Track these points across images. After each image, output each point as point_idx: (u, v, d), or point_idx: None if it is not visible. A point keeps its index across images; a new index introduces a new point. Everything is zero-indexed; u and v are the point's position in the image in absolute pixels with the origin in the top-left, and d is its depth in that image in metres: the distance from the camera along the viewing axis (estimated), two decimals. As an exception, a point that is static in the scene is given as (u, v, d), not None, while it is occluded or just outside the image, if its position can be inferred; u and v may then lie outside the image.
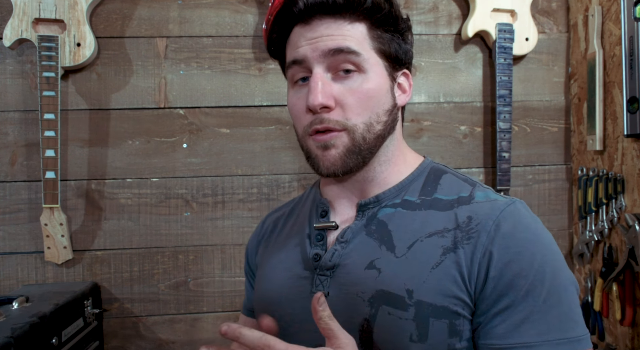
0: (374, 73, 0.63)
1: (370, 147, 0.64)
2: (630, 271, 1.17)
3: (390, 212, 0.65)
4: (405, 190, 0.67)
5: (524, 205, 0.63)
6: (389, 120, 0.66)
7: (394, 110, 0.67)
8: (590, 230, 1.30)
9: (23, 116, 1.29)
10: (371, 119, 0.63)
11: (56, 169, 1.22)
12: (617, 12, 1.20)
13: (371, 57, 0.63)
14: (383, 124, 0.64)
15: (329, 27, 0.62)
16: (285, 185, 1.37)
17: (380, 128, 0.64)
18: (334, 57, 0.61)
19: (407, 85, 0.70)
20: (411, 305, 0.57)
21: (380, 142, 0.66)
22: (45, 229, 1.24)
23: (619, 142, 1.22)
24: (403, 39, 0.67)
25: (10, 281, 1.30)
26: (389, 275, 0.60)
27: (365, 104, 0.62)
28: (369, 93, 0.62)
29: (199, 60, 1.34)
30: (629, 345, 1.19)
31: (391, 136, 0.68)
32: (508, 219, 0.59)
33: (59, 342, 1.04)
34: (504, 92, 1.35)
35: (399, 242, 0.62)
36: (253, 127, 1.36)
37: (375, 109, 0.63)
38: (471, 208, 0.62)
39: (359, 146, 0.63)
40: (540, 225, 0.61)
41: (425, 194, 0.66)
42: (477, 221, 0.59)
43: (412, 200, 0.65)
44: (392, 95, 0.66)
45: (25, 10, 1.22)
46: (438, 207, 0.63)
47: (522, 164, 1.43)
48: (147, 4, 1.33)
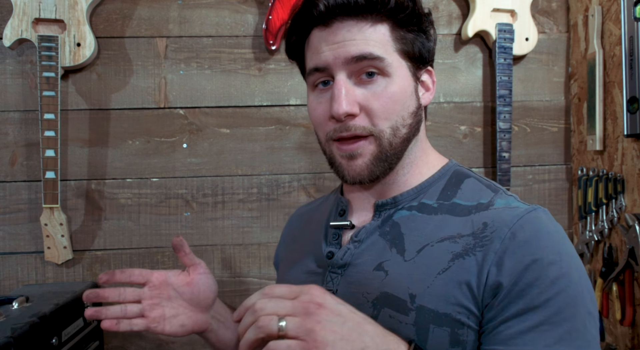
0: (398, 76, 0.61)
1: (396, 152, 0.63)
2: (630, 271, 1.17)
3: (406, 215, 0.64)
4: (424, 193, 0.65)
5: (547, 213, 0.59)
6: (414, 122, 0.64)
7: (418, 111, 0.65)
8: (590, 230, 1.30)
9: (23, 116, 1.29)
10: (397, 122, 0.62)
11: (56, 169, 1.22)
12: (617, 12, 1.20)
13: (394, 59, 0.61)
14: (408, 126, 0.63)
15: (350, 31, 0.60)
16: (285, 185, 1.37)
17: (406, 131, 0.63)
18: (357, 63, 0.60)
19: (431, 83, 0.68)
20: (412, 310, 0.56)
21: (406, 146, 0.64)
22: (45, 229, 1.24)
23: (619, 142, 1.22)
24: (426, 36, 0.65)
25: (10, 281, 1.30)
26: (394, 278, 0.59)
27: (391, 108, 0.61)
28: (393, 97, 0.61)
29: (199, 60, 1.34)
30: (629, 345, 1.19)
31: (416, 138, 0.66)
32: (526, 226, 0.56)
33: (59, 342, 1.04)
34: (504, 92, 1.35)
35: (410, 245, 0.61)
36: (253, 127, 1.36)
37: (401, 113, 0.62)
38: (488, 214, 0.59)
39: (385, 152, 0.62)
40: (563, 235, 0.58)
41: (444, 198, 0.64)
42: (493, 228, 0.57)
43: (429, 203, 0.64)
44: (416, 96, 0.65)
45: (25, 10, 1.22)
46: (455, 213, 0.61)
47: (522, 164, 1.43)
48: (147, 4, 1.33)
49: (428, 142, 0.70)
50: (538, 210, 0.59)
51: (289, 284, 0.68)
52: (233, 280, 1.35)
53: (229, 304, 0.84)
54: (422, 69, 0.66)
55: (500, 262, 0.54)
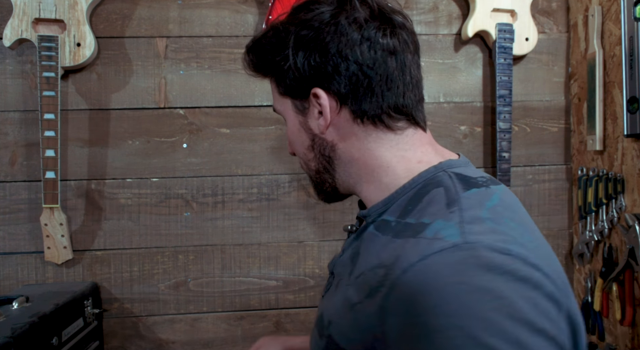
0: (287, 118, 0.66)
1: (320, 181, 0.67)
2: (630, 271, 1.17)
3: (370, 232, 0.59)
4: (387, 208, 0.58)
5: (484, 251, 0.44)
6: (317, 153, 0.64)
7: (315, 143, 0.63)
8: (590, 230, 1.30)
9: (23, 116, 1.29)
10: (302, 159, 0.67)
11: (56, 169, 1.22)
12: (617, 12, 1.20)
13: (282, 103, 0.66)
14: (314, 159, 0.65)
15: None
16: (285, 185, 1.37)
17: (315, 163, 0.65)
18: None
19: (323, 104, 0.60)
20: (324, 336, 0.56)
21: (327, 173, 0.65)
22: (45, 229, 1.24)
23: (619, 142, 1.22)
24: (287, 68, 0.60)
25: (10, 281, 1.30)
26: (330, 300, 0.59)
27: (293, 148, 0.68)
28: (289, 138, 0.68)
29: (199, 60, 1.34)
30: (629, 345, 1.19)
31: (338, 162, 0.63)
32: (421, 272, 0.44)
33: (59, 342, 1.04)
34: (504, 92, 1.35)
35: (357, 268, 0.56)
36: (253, 127, 1.36)
37: (300, 150, 0.66)
38: (408, 244, 0.49)
39: (313, 181, 0.69)
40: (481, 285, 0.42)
41: (402, 215, 0.55)
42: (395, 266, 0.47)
43: (389, 220, 0.57)
44: (305, 129, 0.63)
45: (25, 10, 1.22)
46: (400, 235, 0.52)
47: (522, 164, 1.43)
48: (147, 4, 1.33)
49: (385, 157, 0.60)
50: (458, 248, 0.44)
51: None
52: (233, 280, 1.35)
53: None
54: (307, 98, 0.61)
55: (384, 315, 0.46)
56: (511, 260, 0.44)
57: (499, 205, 0.52)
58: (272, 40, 0.62)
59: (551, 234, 1.43)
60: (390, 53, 0.58)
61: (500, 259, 0.44)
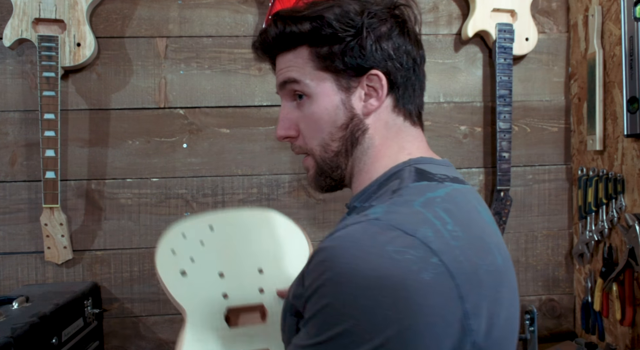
0: (319, 94, 0.64)
1: (333, 166, 0.67)
2: (630, 271, 1.17)
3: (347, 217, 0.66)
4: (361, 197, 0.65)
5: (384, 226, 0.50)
6: (347, 134, 0.65)
7: (352, 122, 0.65)
8: (590, 230, 1.30)
9: (23, 116, 1.29)
10: (325, 139, 0.66)
11: (56, 169, 1.22)
12: (617, 12, 1.20)
13: (315, 78, 0.64)
14: (339, 140, 0.65)
15: (281, 62, 0.67)
16: (285, 185, 1.37)
17: (337, 145, 0.65)
18: (285, 88, 0.67)
19: (379, 87, 0.64)
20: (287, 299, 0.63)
21: (345, 158, 0.66)
22: (45, 229, 1.24)
23: (619, 142, 1.22)
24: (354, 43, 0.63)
25: (10, 281, 1.30)
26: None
27: (314, 127, 0.66)
28: (314, 116, 0.65)
29: (199, 60, 1.34)
30: (629, 345, 1.19)
31: (359, 147, 0.66)
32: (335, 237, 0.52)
33: (59, 342, 1.04)
34: (504, 92, 1.35)
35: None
36: (253, 127, 1.36)
37: (327, 128, 0.65)
38: (347, 221, 0.56)
39: (322, 167, 0.67)
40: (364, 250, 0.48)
41: (366, 201, 0.63)
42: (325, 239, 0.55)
43: (357, 206, 0.64)
44: (346, 108, 0.64)
45: (25, 10, 1.22)
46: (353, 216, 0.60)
47: (522, 164, 1.43)
48: (147, 4, 1.33)
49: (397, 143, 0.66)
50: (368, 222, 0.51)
51: None
52: (233, 280, 1.35)
53: None
54: (361, 76, 0.64)
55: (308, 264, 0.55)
56: (409, 241, 0.48)
57: (439, 197, 0.56)
58: (339, 15, 0.63)
59: (551, 234, 1.43)
60: (422, 61, 0.68)
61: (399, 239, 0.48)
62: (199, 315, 0.82)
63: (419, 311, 0.46)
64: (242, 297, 0.86)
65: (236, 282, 0.88)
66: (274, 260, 0.92)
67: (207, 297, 0.85)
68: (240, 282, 0.88)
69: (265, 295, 0.88)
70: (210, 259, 0.89)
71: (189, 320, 0.81)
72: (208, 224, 0.93)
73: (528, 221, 1.42)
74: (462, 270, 0.49)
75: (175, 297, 0.83)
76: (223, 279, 0.87)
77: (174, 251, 0.88)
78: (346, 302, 0.47)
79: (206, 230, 0.92)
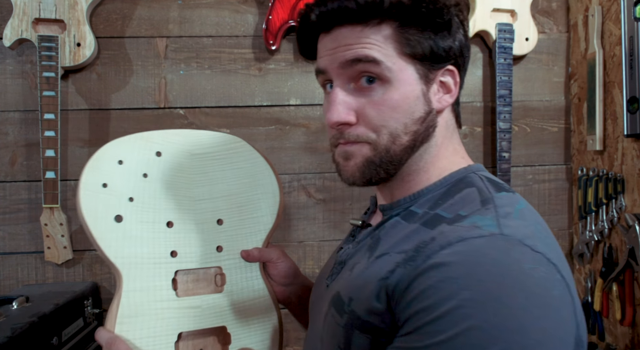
0: (400, 81, 0.57)
1: (394, 160, 0.59)
2: (630, 271, 1.17)
3: (393, 221, 0.61)
4: (418, 200, 0.61)
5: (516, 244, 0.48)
6: (422, 129, 0.59)
7: (428, 117, 0.60)
8: (590, 230, 1.30)
9: (23, 116, 1.29)
10: (397, 130, 0.58)
11: (56, 169, 1.22)
12: (617, 12, 1.20)
13: (397, 62, 0.57)
14: (412, 134, 0.59)
15: (347, 36, 0.57)
16: (285, 185, 1.37)
17: (409, 139, 0.59)
18: (352, 67, 0.57)
19: (453, 84, 0.61)
20: (346, 313, 0.55)
21: (409, 154, 0.60)
22: (45, 229, 1.24)
23: (619, 142, 1.22)
24: (443, 33, 0.58)
25: (10, 281, 1.30)
26: (349, 279, 0.59)
27: (388, 115, 0.57)
28: (391, 104, 0.57)
29: (199, 60, 1.34)
30: (629, 345, 1.19)
31: (427, 144, 0.61)
32: (458, 249, 0.48)
33: (59, 342, 1.04)
34: (504, 92, 1.35)
35: (377, 251, 0.59)
36: (253, 127, 1.36)
37: (402, 119, 0.58)
38: (446, 229, 0.52)
39: (380, 157, 0.59)
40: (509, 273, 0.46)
41: (432, 207, 0.58)
42: (432, 245, 0.50)
43: (417, 211, 0.59)
44: (425, 100, 0.59)
45: (25, 10, 1.22)
46: (429, 224, 0.55)
47: (522, 164, 1.43)
48: (147, 4, 1.33)
49: (453, 145, 0.65)
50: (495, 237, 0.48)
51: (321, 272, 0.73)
52: (233, 280, 1.35)
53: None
54: (439, 69, 0.60)
55: (411, 280, 0.49)
56: (538, 258, 0.48)
57: (525, 209, 0.55)
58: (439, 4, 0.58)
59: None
60: None
61: (529, 255, 0.47)
62: (139, 280, 0.64)
63: (556, 329, 0.45)
64: (194, 256, 0.68)
65: (188, 236, 0.69)
66: (237, 208, 0.73)
67: (149, 254, 0.65)
68: (194, 236, 0.69)
69: (224, 254, 0.71)
70: (156, 200, 0.68)
71: (123, 286, 0.62)
72: (154, 149, 0.72)
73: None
74: (572, 283, 0.50)
75: (106, 251, 0.63)
76: (172, 230, 0.68)
77: (106, 184, 0.67)
78: (495, 323, 0.43)
79: (151, 156, 0.71)
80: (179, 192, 0.70)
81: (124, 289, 0.62)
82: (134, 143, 0.72)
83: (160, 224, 0.67)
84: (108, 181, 0.67)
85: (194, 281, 0.68)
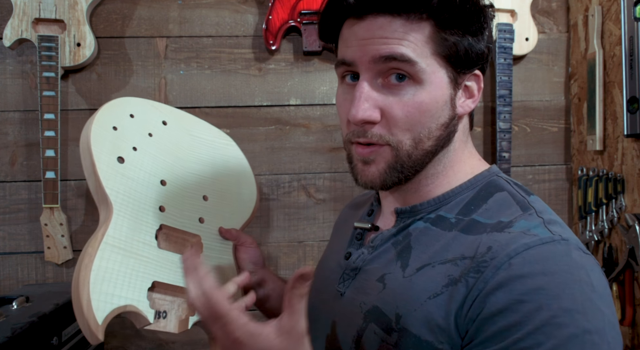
0: (432, 83, 0.55)
1: (415, 164, 0.58)
2: (630, 271, 1.17)
3: (421, 227, 0.59)
4: (446, 205, 0.59)
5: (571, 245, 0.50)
6: (444, 134, 0.58)
7: (452, 122, 0.58)
8: (590, 230, 1.30)
9: (23, 116, 1.29)
10: (421, 134, 0.56)
11: (56, 169, 1.22)
12: (617, 12, 1.20)
13: (431, 64, 0.54)
14: (435, 139, 0.57)
15: (383, 28, 0.53)
16: (285, 185, 1.37)
17: (431, 144, 0.57)
18: (385, 63, 0.54)
19: (476, 89, 0.60)
20: (395, 331, 0.53)
21: (430, 158, 0.59)
22: (45, 229, 1.24)
23: (619, 142, 1.22)
24: (477, 37, 0.56)
25: (10, 281, 1.30)
26: (388, 293, 0.57)
27: (416, 118, 0.55)
28: (421, 107, 0.55)
29: (199, 60, 1.34)
30: (629, 345, 1.19)
31: (446, 149, 0.60)
32: (529, 259, 0.48)
33: (59, 342, 1.04)
34: (504, 92, 1.35)
35: (414, 261, 0.56)
36: (253, 127, 1.36)
37: (428, 124, 0.56)
38: (499, 237, 0.51)
39: (401, 163, 0.57)
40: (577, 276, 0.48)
41: (464, 213, 0.56)
42: (494, 254, 0.49)
43: (447, 217, 0.57)
44: (451, 105, 0.58)
45: (25, 10, 1.22)
46: (469, 231, 0.54)
47: (522, 164, 1.43)
48: (147, 4, 1.33)
49: (468, 148, 0.64)
50: (557, 242, 0.49)
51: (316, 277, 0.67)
52: (233, 280, 1.35)
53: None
54: (467, 73, 0.58)
55: (486, 294, 0.48)
56: (592, 260, 0.51)
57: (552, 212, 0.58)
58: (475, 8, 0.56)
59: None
60: None
61: (585, 258, 0.50)
62: (127, 218, 0.66)
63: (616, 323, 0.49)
64: (179, 218, 0.72)
65: (177, 198, 0.73)
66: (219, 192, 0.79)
67: (141, 199, 0.69)
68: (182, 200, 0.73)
69: (204, 226, 0.75)
70: (156, 158, 0.73)
71: (113, 218, 0.64)
72: (162, 118, 0.77)
73: (528, 221, 1.42)
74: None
75: (103, 181, 0.66)
76: (164, 187, 0.72)
77: (117, 128, 0.71)
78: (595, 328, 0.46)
79: (158, 123, 0.77)
80: (175, 160, 0.76)
81: (113, 221, 0.65)
82: (145, 105, 0.78)
83: (155, 178, 0.72)
84: (118, 126, 0.72)
85: (174, 241, 0.72)
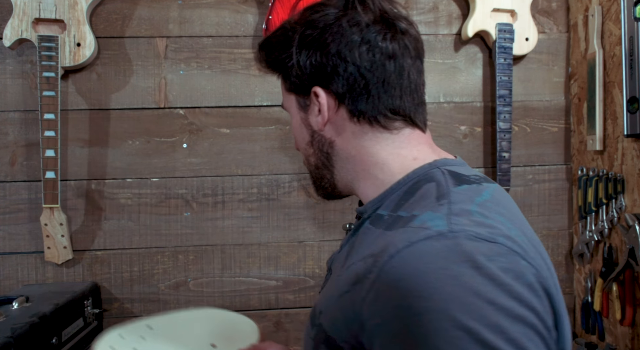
0: (292, 114, 0.68)
1: (318, 177, 0.69)
2: (630, 271, 1.17)
3: (366, 226, 0.60)
4: (382, 203, 0.60)
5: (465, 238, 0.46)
6: (315, 149, 0.66)
7: (313, 140, 0.66)
8: (590, 230, 1.30)
9: (23, 116, 1.29)
10: (304, 153, 0.69)
11: (56, 169, 1.22)
12: (617, 12, 1.20)
13: (287, 99, 0.68)
14: (313, 154, 0.67)
15: None
16: (285, 185, 1.37)
17: (314, 159, 0.68)
18: None
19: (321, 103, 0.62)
20: (315, 326, 0.56)
21: (326, 169, 0.67)
22: (45, 229, 1.24)
23: (619, 142, 1.22)
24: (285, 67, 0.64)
25: (10, 281, 1.30)
26: (324, 292, 0.61)
27: (296, 143, 0.71)
28: (293, 133, 0.70)
29: (199, 60, 1.34)
30: (629, 345, 1.19)
31: (336, 158, 0.65)
32: (407, 256, 0.46)
33: (59, 342, 1.04)
34: (504, 92, 1.35)
35: (349, 259, 0.58)
36: (253, 127, 1.36)
37: (301, 145, 0.69)
38: (397, 233, 0.50)
39: (311, 177, 0.71)
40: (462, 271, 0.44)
41: (394, 209, 0.57)
42: (384, 253, 0.48)
43: (383, 214, 0.58)
44: (305, 126, 0.66)
45: (25, 10, 1.22)
46: (391, 227, 0.53)
47: (522, 164, 1.43)
48: (147, 4, 1.33)
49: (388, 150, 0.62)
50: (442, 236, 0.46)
51: None
52: (233, 280, 1.35)
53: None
54: (307, 95, 0.64)
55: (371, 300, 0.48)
56: (496, 249, 0.46)
57: (489, 201, 0.53)
58: (280, 38, 0.64)
59: (551, 234, 1.43)
60: (388, 57, 0.59)
61: (484, 248, 0.46)
62: None
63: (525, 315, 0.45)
64: None
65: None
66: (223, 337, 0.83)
67: None
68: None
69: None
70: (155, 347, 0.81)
71: None
72: (146, 324, 0.86)
73: (528, 221, 1.42)
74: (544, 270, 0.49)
75: None
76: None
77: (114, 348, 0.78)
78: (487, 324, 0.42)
79: (144, 328, 0.85)
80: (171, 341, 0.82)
81: None
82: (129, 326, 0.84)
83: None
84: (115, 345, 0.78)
85: None
